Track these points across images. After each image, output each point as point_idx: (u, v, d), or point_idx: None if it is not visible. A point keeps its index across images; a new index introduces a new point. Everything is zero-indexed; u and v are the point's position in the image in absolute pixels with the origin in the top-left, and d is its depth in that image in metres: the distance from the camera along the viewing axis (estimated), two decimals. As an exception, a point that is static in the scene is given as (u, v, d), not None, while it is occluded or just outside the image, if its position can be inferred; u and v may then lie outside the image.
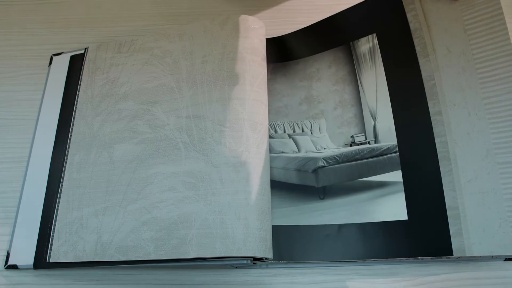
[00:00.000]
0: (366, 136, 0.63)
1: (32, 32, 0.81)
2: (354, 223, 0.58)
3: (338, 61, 0.68)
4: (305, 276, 0.61)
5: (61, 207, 0.62)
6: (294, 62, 0.71)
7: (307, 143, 0.65)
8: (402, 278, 0.61)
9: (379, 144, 0.61)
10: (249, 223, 0.54)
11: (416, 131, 0.58)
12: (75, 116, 0.69)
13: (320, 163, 0.62)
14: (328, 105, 0.66)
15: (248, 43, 0.66)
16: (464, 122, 0.57)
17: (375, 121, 0.62)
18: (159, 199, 0.59)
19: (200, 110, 0.63)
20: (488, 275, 0.61)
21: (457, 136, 0.56)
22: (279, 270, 0.61)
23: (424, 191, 0.56)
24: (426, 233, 0.55)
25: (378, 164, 0.60)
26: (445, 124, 0.57)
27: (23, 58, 0.78)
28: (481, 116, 0.56)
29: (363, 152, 0.62)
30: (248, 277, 0.60)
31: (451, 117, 0.57)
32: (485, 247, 0.52)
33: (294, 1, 0.84)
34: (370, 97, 0.64)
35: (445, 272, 0.61)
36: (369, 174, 0.60)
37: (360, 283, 0.60)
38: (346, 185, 0.60)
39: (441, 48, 0.60)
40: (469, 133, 0.56)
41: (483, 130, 0.55)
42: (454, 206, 0.54)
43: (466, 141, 0.56)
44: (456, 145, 0.56)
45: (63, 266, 0.58)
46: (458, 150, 0.56)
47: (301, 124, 0.66)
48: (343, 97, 0.66)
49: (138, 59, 0.71)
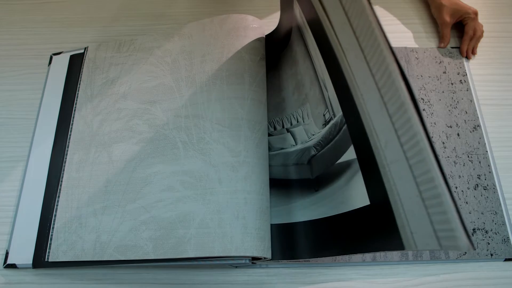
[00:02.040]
0: (329, 110, 0.57)
1: (33, 31, 0.81)
2: (337, 214, 0.53)
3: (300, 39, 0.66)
4: (305, 276, 0.60)
5: (60, 206, 0.62)
6: (284, 51, 0.71)
7: (302, 134, 0.63)
8: (402, 278, 0.60)
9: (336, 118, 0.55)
10: (247, 223, 0.54)
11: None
12: (74, 115, 0.69)
13: (312, 151, 0.60)
14: (306, 86, 0.64)
15: (247, 42, 0.66)
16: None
17: (327, 92, 0.56)
18: (158, 198, 0.58)
19: (199, 110, 0.62)
20: (488, 275, 0.61)
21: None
22: (279, 270, 0.61)
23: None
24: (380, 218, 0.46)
25: (342, 141, 0.53)
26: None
27: (24, 57, 0.78)
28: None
29: (332, 129, 0.56)
30: (248, 277, 0.60)
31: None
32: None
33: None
34: (318, 68, 0.59)
35: (445, 272, 0.61)
36: (342, 153, 0.53)
37: (360, 283, 0.60)
38: (333, 171, 0.56)
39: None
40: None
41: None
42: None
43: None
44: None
45: (62, 265, 0.58)
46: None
47: (296, 115, 0.65)
48: (311, 74, 0.62)
49: (137, 58, 0.71)
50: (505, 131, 0.72)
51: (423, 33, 0.82)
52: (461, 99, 0.74)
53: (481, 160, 0.69)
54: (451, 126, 0.72)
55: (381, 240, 0.44)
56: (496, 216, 0.65)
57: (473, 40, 0.79)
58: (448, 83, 0.76)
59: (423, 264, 0.61)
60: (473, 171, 0.68)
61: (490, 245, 0.63)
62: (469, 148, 0.70)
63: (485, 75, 0.78)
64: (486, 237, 0.63)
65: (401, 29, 0.83)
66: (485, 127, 0.72)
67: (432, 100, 0.74)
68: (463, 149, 0.70)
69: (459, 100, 0.74)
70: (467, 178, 0.68)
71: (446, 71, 0.77)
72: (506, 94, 0.76)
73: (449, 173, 0.68)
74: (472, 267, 0.61)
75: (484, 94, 0.75)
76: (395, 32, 0.82)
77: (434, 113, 0.73)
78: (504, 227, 0.64)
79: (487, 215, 0.65)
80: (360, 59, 0.44)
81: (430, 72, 0.77)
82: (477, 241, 0.63)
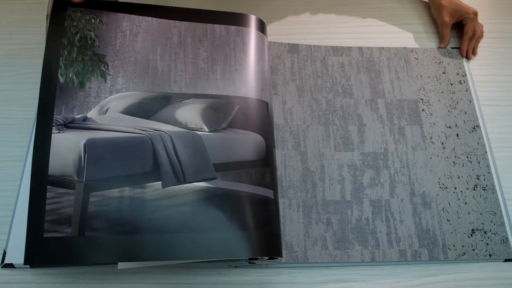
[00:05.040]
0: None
1: (34, 31, 0.81)
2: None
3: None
4: (305, 276, 0.61)
5: None
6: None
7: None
8: (402, 278, 0.61)
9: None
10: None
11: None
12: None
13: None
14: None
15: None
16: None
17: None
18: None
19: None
20: (488, 276, 0.61)
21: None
22: (279, 270, 0.61)
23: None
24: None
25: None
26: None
27: (24, 57, 0.78)
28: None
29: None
30: (248, 277, 0.60)
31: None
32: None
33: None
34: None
35: (445, 273, 0.61)
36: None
37: (360, 284, 0.60)
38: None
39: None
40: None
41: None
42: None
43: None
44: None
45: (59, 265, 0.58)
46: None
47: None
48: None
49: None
50: (506, 132, 0.73)
51: (423, 33, 0.83)
52: (461, 100, 0.75)
53: (480, 161, 0.69)
54: (450, 126, 0.72)
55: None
56: (495, 217, 0.65)
57: (472, 41, 0.79)
58: (448, 84, 0.76)
59: (422, 265, 0.62)
60: (472, 171, 0.68)
61: (489, 246, 0.63)
62: (468, 148, 0.70)
63: (485, 76, 0.78)
64: (485, 238, 0.63)
65: (401, 29, 0.83)
66: (485, 128, 0.72)
67: (431, 100, 0.74)
68: (462, 150, 0.70)
69: (458, 100, 0.74)
70: (466, 178, 0.68)
71: (445, 71, 0.77)
72: (506, 95, 0.76)
73: (448, 174, 0.68)
74: (472, 267, 0.61)
75: (484, 95, 0.75)
76: (395, 32, 0.82)
77: (433, 114, 0.73)
78: (503, 228, 0.64)
79: (486, 216, 0.65)
80: None
81: (430, 73, 0.77)
82: (476, 242, 0.63)
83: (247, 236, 0.53)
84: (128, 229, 0.52)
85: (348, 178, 0.67)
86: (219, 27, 0.68)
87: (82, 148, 0.51)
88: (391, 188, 0.66)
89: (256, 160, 0.58)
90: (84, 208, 0.51)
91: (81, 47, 0.61)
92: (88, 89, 0.60)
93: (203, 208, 0.54)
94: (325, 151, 0.69)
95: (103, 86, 0.60)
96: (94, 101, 0.59)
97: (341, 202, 0.65)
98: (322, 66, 0.76)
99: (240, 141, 0.58)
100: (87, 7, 0.65)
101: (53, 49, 0.62)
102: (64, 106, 0.57)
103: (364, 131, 0.71)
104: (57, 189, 0.51)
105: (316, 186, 0.66)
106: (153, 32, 0.65)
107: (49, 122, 0.55)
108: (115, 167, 0.53)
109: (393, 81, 0.76)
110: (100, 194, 0.52)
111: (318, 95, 0.73)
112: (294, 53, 0.77)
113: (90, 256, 0.51)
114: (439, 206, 0.65)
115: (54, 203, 0.51)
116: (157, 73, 0.62)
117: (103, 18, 0.65)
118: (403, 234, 0.63)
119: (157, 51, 0.64)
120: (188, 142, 0.56)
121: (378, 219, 0.64)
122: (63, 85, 0.59)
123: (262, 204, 0.56)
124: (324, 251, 0.61)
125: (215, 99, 0.62)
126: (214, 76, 0.64)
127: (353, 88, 0.75)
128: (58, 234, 0.50)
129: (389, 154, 0.69)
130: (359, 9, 0.86)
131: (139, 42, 0.64)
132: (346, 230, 0.63)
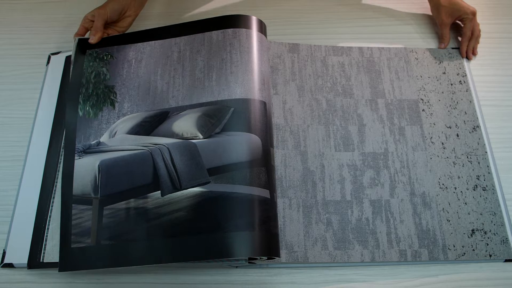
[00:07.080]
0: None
1: (34, 31, 0.81)
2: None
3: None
4: (305, 276, 0.61)
5: (55, 207, 0.62)
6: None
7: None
8: (402, 279, 0.61)
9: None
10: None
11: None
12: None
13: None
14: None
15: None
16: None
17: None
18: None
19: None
20: (488, 276, 0.61)
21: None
22: (279, 270, 0.61)
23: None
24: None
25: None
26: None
27: (24, 57, 0.78)
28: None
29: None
30: (248, 277, 0.60)
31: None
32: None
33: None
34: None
35: (445, 273, 0.61)
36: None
37: (360, 284, 0.60)
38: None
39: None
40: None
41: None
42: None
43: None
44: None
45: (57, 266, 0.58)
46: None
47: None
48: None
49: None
50: (506, 132, 0.73)
51: (423, 33, 0.83)
52: (461, 100, 0.74)
53: (480, 161, 0.69)
54: (451, 126, 0.72)
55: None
56: (495, 217, 0.65)
57: (472, 41, 0.79)
58: (448, 84, 0.76)
59: (422, 265, 0.62)
60: (472, 171, 0.68)
61: (489, 246, 0.63)
62: (468, 148, 0.70)
63: (485, 76, 0.78)
64: (485, 238, 0.63)
65: (401, 29, 0.83)
66: (485, 128, 0.72)
67: (431, 100, 0.74)
68: (462, 150, 0.70)
69: (458, 100, 0.74)
70: (466, 178, 0.68)
71: (445, 71, 0.77)
72: (506, 95, 0.76)
73: (448, 174, 0.68)
74: (472, 268, 0.61)
75: (484, 95, 0.75)
76: (395, 33, 0.82)
77: (433, 114, 0.73)
78: (503, 228, 0.64)
79: (486, 216, 0.65)
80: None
81: (430, 73, 0.77)
82: (476, 242, 0.63)
83: (242, 236, 0.54)
84: (135, 236, 0.57)
85: (348, 178, 0.67)
86: (216, 33, 0.68)
87: (96, 169, 0.59)
88: (391, 188, 0.66)
89: (251, 160, 0.59)
90: (100, 220, 0.58)
91: (96, 82, 0.67)
92: (100, 118, 0.66)
93: (199, 211, 0.57)
94: (325, 151, 0.69)
95: (112, 113, 0.66)
96: (105, 127, 0.65)
97: (341, 202, 0.65)
98: (322, 66, 0.76)
99: (232, 144, 0.60)
100: (101, 46, 0.71)
101: (75, 89, 0.68)
102: (82, 136, 0.65)
103: (364, 131, 0.71)
104: (79, 206, 0.60)
105: (316, 186, 0.66)
106: (155, 55, 0.69)
107: (73, 151, 0.63)
108: (122, 182, 0.59)
109: (393, 81, 0.76)
110: (111, 207, 0.59)
111: (318, 95, 0.73)
112: (294, 53, 0.77)
113: (106, 262, 0.57)
114: (439, 206, 0.65)
115: (77, 218, 0.59)
116: (157, 92, 0.67)
117: (114, 52, 0.71)
118: (403, 234, 0.63)
119: (158, 72, 0.68)
120: (184, 151, 0.60)
121: (378, 219, 0.64)
122: (82, 118, 0.66)
123: (258, 204, 0.56)
124: (324, 251, 0.61)
125: (209, 106, 0.64)
126: (210, 84, 0.65)
127: (353, 88, 0.75)
128: (81, 245, 0.58)
129: (389, 154, 0.69)
130: (359, 9, 0.86)
131: (142, 68, 0.69)
132: (346, 230, 0.63)
